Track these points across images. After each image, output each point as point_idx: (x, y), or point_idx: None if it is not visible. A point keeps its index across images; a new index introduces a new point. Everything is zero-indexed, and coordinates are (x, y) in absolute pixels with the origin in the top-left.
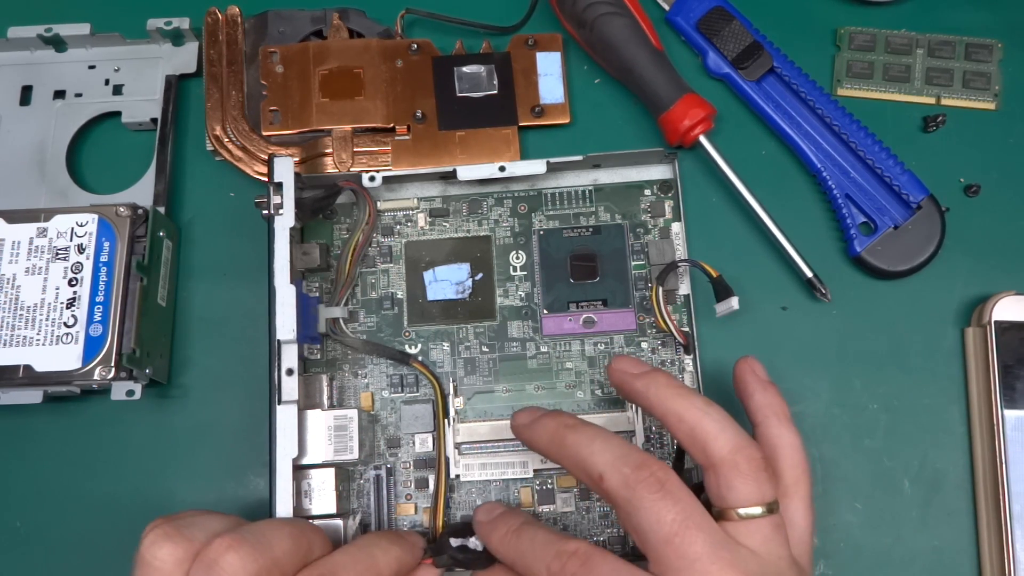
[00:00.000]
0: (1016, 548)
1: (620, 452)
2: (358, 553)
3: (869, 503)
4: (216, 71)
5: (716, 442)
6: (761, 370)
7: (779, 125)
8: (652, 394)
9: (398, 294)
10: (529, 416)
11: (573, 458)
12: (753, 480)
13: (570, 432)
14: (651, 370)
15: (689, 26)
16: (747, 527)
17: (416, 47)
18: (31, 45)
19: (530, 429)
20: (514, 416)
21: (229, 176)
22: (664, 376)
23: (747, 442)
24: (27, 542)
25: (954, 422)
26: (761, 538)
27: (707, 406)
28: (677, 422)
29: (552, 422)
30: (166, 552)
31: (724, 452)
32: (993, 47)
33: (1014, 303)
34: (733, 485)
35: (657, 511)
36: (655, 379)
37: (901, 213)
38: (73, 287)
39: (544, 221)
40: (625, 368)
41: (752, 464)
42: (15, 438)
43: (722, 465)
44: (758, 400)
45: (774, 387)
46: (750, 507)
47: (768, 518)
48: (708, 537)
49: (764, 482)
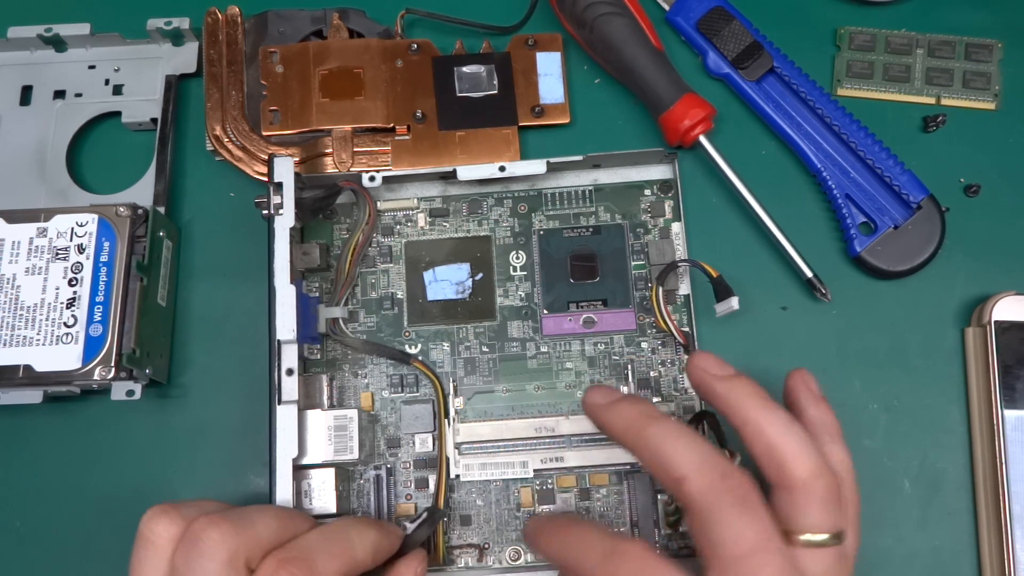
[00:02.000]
0: (1016, 548)
1: (706, 456)
2: (333, 535)
3: (869, 503)
4: (216, 71)
5: (795, 463)
6: (814, 384)
7: (779, 125)
8: (733, 400)
9: (398, 294)
10: (605, 397)
11: (653, 452)
12: (827, 508)
13: (652, 424)
14: (736, 375)
15: (689, 26)
16: (812, 554)
17: (416, 47)
18: (31, 45)
19: (607, 411)
20: (588, 392)
21: (229, 176)
22: (749, 384)
23: (827, 468)
24: (27, 542)
25: (954, 422)
26: (823, 568)
27: (791, 424)
28: (756, 434)
29: (632, 409)
30: (162, 527)
31: (803, 475)
32: (993, 47)
33: (1014, 303)
34: (807, 510)
35: (738, 526)
36: (739, 385)
37: (901, 213)
38: (73, 287)
39: (544, 221)
40: (708, 368)
41: (829, 492)
42: (15, 438)
43: (797, 488)
44: (811, 416)
45: (826, 403)
46: (818, 534)
47: (834, 548)
48: (781, 564)
49: (836, 512)
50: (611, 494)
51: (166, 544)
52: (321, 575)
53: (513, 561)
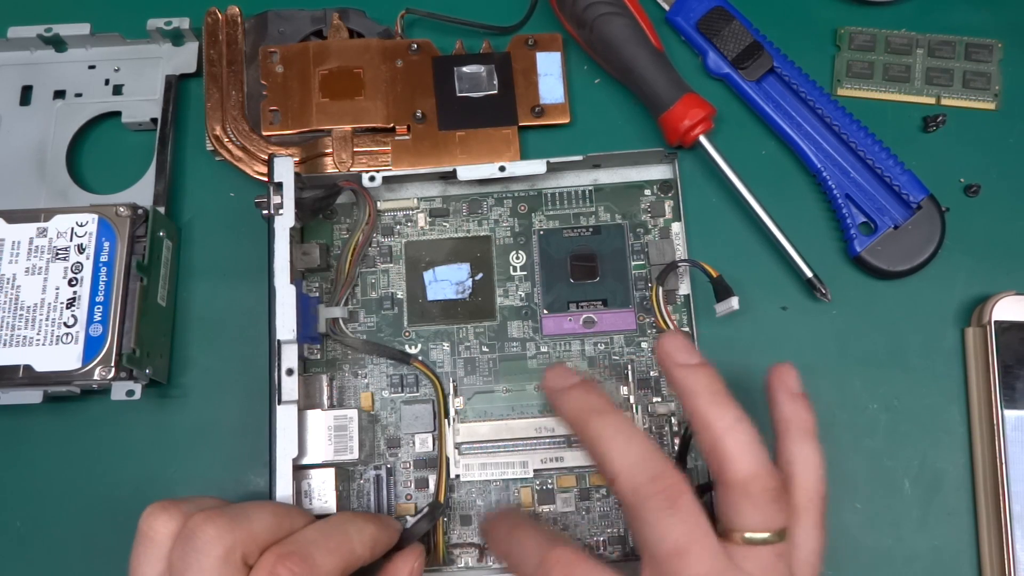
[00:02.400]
0: (1016, 548)
1: (638, 457)
2: (331, 530)
3: (869, 503)
4: (216, 71)
5: (734, 463)
6: (794, 380)
7: (779, 125)
8: (688, 391)
9: (398, 294)
10: (561, 380)
11: (592, 446)
12: (762, 507)
13: (595, 418)
14: (697, 364)
15: (689, 26)
16: (748, 552)
17: (416, 47)
18: (31, 45)
19: (558, 396)
20: (547, 371)
21: (229, 176)
22: (706, 376)
23: (765, 470)
24: (27, 542)
25: (954, 422)
26: (760, 566)
27: (736, 423)
28: (702, 429)
29: (580, 400)
30: (160, 523)
31: (739, 475)
32: (993, 47)
33: (1014, 303)
34: (741, 509)
35: (664, 526)
36: (697, 376)
37: (901, 213)
38: (73, 287)
39: (544, 221)
40: (672, 353)
41: (765, 494)
42: (15, 438)
43: (734, 487)
44: (784, 412)
45: (804, 399)
46: (755, 533)
47: (771, 546)
48: (709, 563)
49: (774, 512)
50: (611, 494)
51: (164, 540)
52: (319, 569)
53: None
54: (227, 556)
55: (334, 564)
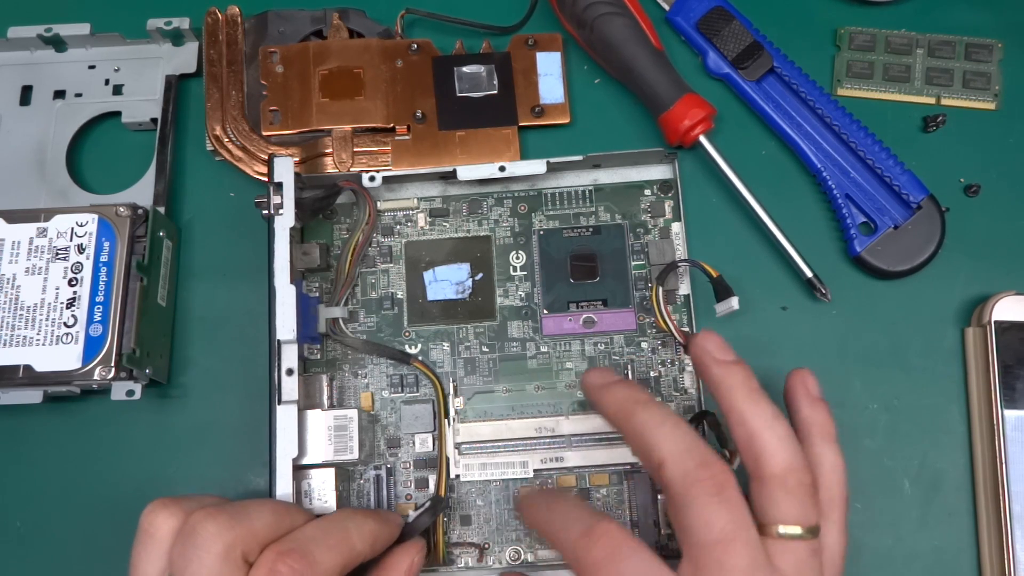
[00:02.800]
0: (1016, 548)
1: (687, 444)
2: (330, 527)
3: (869, 503)
4: (216, 71)
5: (772, 457)
6: (814, 385)
7: (779, 125)
8: (725, 387)
9: (398, 294)
10: (602, 378)
11: (638, 435)
12: (799, 501)
13: (640, 408)
14: (734, 361)
15: (689, 26)
16: (784, 546)
17: (416, 47)
18: (31, 45)
19: (600, 392)
20: (587, 373)
21: (229, 176)
22: (743, 372)
23: (802, 464)
24: (27, 542)
25: (954, 422)
26: (796, 561)
27: (774, 419)
28: (738, 424)
29: (623, 392)
30: (161, 520)
31: (776, 468)
32: (993, 47)
33: (1014, 303)
34: (778, 502)
35: (709, 513)
36: (733, 372)
37: (901, 213)
38: (73, 287)
39: (544, 221)
40: (709, 349)
41: (801, 488)
42: (15, 438)
43: (771, 480)
44: (805, 416)
45: (824, 404)
46: (791, 526)
47: (807, 541)
48: (751, 554)
49: (809, 506)
50: (611, 494)
51: (165, 537)
52: (319, 566)
53: (513, 561)
54: (227, 553)
55: (334, 561)
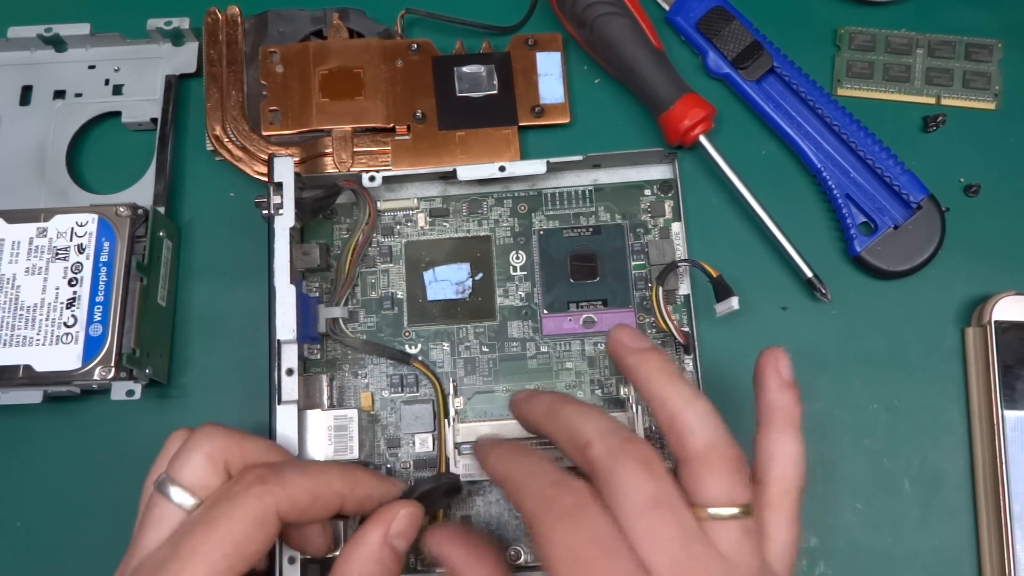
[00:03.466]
0: (1016, 548)
1: (612, 425)
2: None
3: (869, 503)
4: (216, 71)
5: (693, 435)
6: (786, 367)
7: (779, 125)
8: (642, 373)
9: (398, 294)
10: (527, 393)
11: (564, 428)
12: (724, 479)
13: (566, 404)
14: (648, 348)
15: (689, 26)
16: (714, 528)
17: (416, 47)
18: (31, 45)
19: (527, 403)
20: (513, 395)
21: (229, 176)
22: (658, 357)
23: (725, 440)
24: (27, 542)
25: (954, 422)
26: (728, 542)
27: (693, 397)
28: (659, 407)
29: (549, 396)
30: (177, 436)
31: (699, 447)
32: (993, 47)
33: (1014, 303)
34: (703, 482)
35: (637, 482)
36: (648, 358)
37: (901, 213)
38: (73, 287)
39: (544, 221)
40: (623, 340)
41: (725, 463)
42: (15, 438)
43: (695, 460)
44: (770, 399)
45: (794, 389)
46: (719, 507)
47: (737, 521)
48: (682, 523)
49: (736, 483)
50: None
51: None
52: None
53: (513, 561)
54: (211, 457)
55: (305, 487)
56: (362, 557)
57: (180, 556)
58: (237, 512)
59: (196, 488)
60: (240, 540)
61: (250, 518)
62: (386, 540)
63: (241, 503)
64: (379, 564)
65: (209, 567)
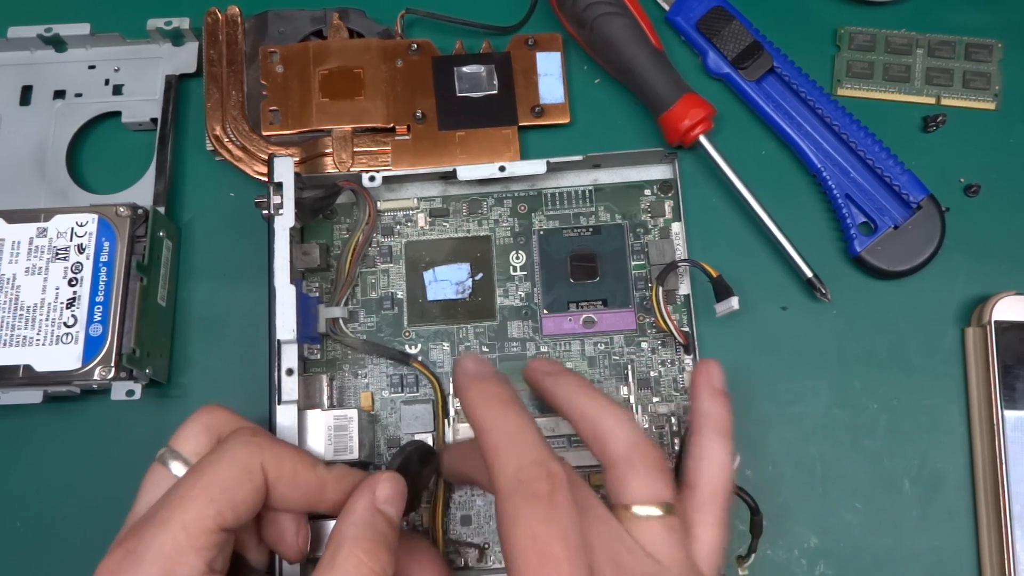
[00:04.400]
0: (1016, 548)
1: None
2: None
3: (869, 503)
4: (216, 71)
5: (614, 439)
6: (717, 377)
7: (779, 125)
8: (560, 392)
9: (398, 294)
10: (551, 366)
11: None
12: (646, 478)
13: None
14: (562, 370)
15: (689, 26)
16: (639, 526)
17: (416, 47)
18: (31, 45)
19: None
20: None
21: (229, 176)
22: (574, 377)
23: (644, 440)
24: (27, 542)
25: (954, 422)
26: (652, 539)
27: (611, 405)
28: (580, 418)
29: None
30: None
31: (621, 449)
32: (993, 47)
33: (1014, 303)
34: (626, 482)
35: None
36: (564, 378)
37: (901, 213)
38: (73, 287)
39: (544, 221)
40: (537, 367)
41: (646, 462)
42: (15, 438)
43: (619, 462)
44: (702, 407)
45: (724, 398)
46: (643, 506)
47: (662, 519)
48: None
49: (658, 480)
50: None
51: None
52: (275, 450)
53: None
54: (207, 427)
55: (290, 457)
56: (355, 523)
57: (170, 504)
58: (225, 459)
59: (192, 457)
60: (227, 485)
61: (238, 464)
62: (374, 506)
63: (229, 450)
64: (373, 528)
65: (197, 512)
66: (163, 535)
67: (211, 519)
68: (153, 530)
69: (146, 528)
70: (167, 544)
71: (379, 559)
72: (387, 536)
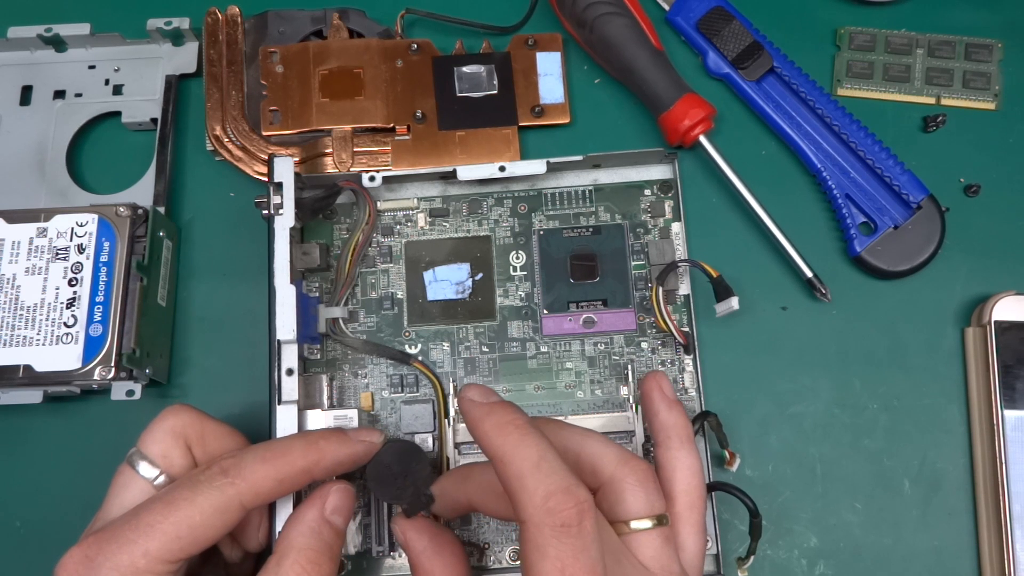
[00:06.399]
0: (1016, 548)
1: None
2: (274, 444)
3: (869, 503)
4: (216, 71)
5: (604, 459)
6: (668, 387)
7: (779, 125)
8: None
9: (398, 294)
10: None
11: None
12: (640, 491)
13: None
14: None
15: (689, 26)
16: (637, 540)
17: (416, 47)
18: (31, 45)
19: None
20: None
21: (229, 176)
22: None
23: (631, 456)
24: (27, 542)
25: (954, 422)
26: (652, 551)
27: (588, 432)
28: (564, 452)
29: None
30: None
31: (612, 467)
32: (993, 47)
33: (1014, 303)
34: (622, 498)
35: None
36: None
37: (901, 213)
38: (73, 287)
39: (544, 221)
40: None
41: (637, 476)
42: (15, 438)
43: (612, 480)
44: (663, 419)
45: (679, 406)
46: (640, 520)
47: (658, 530)
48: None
49: (652, 492)
50: None
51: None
52: (251, 482)
53: (513, 561)
54: (173, 430)
55: (265, 473)
56: (302, 533)
57: (138, 527)
58: (199, 500)
59: (158, 459)
60: (196, 525)
61: (211, 506)
62: (323, 516)
63: (204, 491)
64: (319, 538)
65: (162, 544)
66: (123, 554)
67: (174, 553)
68: (115, 546)
69: (110, 541)
70: (124, 563)
71: (322, 569)
72: (332, 546)
